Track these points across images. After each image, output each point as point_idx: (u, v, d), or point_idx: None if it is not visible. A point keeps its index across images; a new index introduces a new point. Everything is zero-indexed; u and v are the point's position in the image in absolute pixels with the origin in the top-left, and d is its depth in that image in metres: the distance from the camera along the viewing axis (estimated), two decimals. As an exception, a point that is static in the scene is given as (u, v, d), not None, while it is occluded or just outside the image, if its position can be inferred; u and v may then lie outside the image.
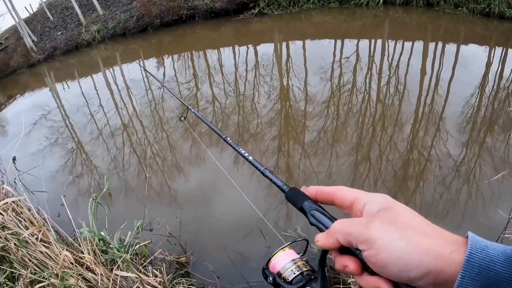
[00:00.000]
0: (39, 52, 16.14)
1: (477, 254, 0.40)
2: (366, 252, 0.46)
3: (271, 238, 3.29)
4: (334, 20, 11.81)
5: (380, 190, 3.91)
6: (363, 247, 0.46)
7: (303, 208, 0.61)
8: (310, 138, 5.15)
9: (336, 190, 0.58)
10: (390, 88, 6.44)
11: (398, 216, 0.47)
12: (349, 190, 0.56)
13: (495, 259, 0.39)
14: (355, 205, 0.53)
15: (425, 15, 10.49)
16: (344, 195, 0.56)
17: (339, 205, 0.57)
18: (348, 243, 0.49)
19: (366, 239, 0.46)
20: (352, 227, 0.48)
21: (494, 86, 6.02)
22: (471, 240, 0.41)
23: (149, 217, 3.37)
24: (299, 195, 0.63)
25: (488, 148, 4.42)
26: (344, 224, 0.50)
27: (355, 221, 0.50)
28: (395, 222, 0.46)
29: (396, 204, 0.50)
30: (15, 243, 2.49)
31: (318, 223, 0.58)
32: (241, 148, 1.01)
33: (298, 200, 0.62)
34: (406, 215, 0.47)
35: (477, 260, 0.39)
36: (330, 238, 0.52)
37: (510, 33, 8.56)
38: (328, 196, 0.59)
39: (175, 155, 5.39)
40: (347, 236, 0.49)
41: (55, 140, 7.09)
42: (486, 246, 0.40)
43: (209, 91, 7.79)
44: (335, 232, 0.51)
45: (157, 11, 14.48)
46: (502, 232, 2.55)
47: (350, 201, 0.54)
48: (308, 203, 0.61)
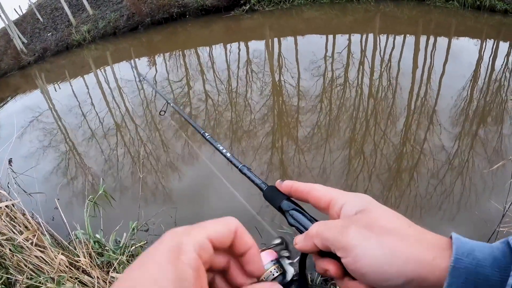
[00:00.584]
0: (30, 54, 16.01)
1: (463, 259, 0.37)
2: (343, 260, 0.44)
3: (267, 235, 3.30)
4: (325, 16, 11.80)
5: (374, 184, 3.95)
6: (340, 254, 0.44)
7: (282, 208, 0.57)
8: (304, 134, 5.15)
9: (311, 189, 0.53)
10: (383, 82, 6.46)
11: (376, 220, 0.44)
12: (325, 189, 0.52)
13: (483, 263, 0.36)
14: (332, 207, 0.50)
15: (416, 9, 10.52)
16: (319, 196, 0.52)
17: (314, 205, 0.53)
18: (326, 248, 0.46)
19: (343, 247, 0.43)
20: (329, 232, 0.46)
21: (486, 78, 6.06)
22: (456, 243, 0.38)
23: (144, 217, 3.37)
24: (277, 194, 0.59)
25: (481, 140, 4.45)
26: (321, 228, 0.47)
27: (331, 225, 0.46)
28: (373, 226, 0.43)
29: (375, 205, 0.47)
30: (10, 248, 2.47)
31: (297, 224, 0.54)
32: (219, 144, 0.98)
33: (277, 199, 0.58)
34: (385, 218, 0.44)
35: (463, 266, 0.36)
36: (308, 242, 0.48)
37: (501, 26, 8.61)
38: (302, 194, 0.55)
39: (169, 153, 5.38)
40: (324, 241, 0.46)
41: (48, 142, 7.04)
42: (472, 249, 0.37)
43: (201, 89, 7.77)
44: (312, 236, 0.48)
45: (148, 10, 14.42)
46: (497, 225, 2.56)
47: (326, 202, 0.51)
48: (287, 203, 0.57)
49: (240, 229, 0.43)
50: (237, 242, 0.42)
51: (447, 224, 3.26)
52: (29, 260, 2.40)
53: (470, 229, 3.19)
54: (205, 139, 1.12)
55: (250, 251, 0.43)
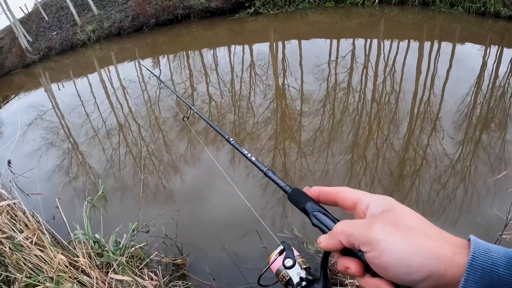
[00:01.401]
0: (34, 52, 16.08)
1: (480, 257, 0.39)
2: (368, 254, 0.46)
3: (268, 238, 3.29)
4: (330, 19, 11.81)
5: (376, 189, 3.94)
6: (365, 248, 0.46)
7: (306, 209, 0.61)
8: (306, 137, 5.15)
9: (339, 191, 0.57)
10: (386, 87, 6.44)
11: (400, 218, 0.47)
12: (352, 191, 0.56)
13: (498, 262, 0.39)
14: (358, 206, 0.53)
15: (421, 14, 10.52)
16: (347, 196, 0.56)
17: (341, 206, 0.57)
18: (351, 244, 0.49)
19: (368, 241, 0.46)
20: (355, 229, 0.48)
21: (490, 84, 6.04)
22: (474, 243, 0.42)
23: (145, 218, 3.36)
24: (301, 196, 0.63)
25: (484, 146, 4.43)
26: (347, 225, 0.50)
27: (357, 223, 0.49)
28: (398, 224, 0.46)
29: (399, 206, 0.50)
30: (10, 246, 2.47)
31: (320, 224, 0.57)
32: (243, 149, 1.01)
33: (301, 201, 0.62)
34: (409, 217, 0.47)
35: (480, 263, 0.39)
36: (332, 239, 0.51)
37: (505, 32, 8.60)
38: (330, 196, 0.59)
39: (171, 155, 5.38)
40: (350, 238, 0.49)
41: (50, 141, 7.05)
42: (488, 249, 0.40)
43: (204, 91, 7.78)
44: (338, 233, 0.51)
45: (153, 11, 14.47)
46: (500, 233, 2.54)
47: (353, 202, 0.54)
48: (311, 204, 0.60)
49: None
50: None
51: (448, 230, 3.23)
52: (28, 258, 2.40)
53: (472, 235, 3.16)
54: (230, 144, 1.15)
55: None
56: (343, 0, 12.14)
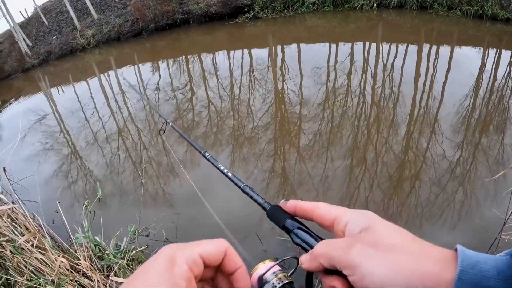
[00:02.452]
0: (34, 57, 16.10)
1: (468, 271, 0.37)
2: (350, 278, 0.44)
3: (267, 242, 3.29)
4: (328, 24, 11.86)
5: (375, 192, 3.94)
6: (346, 272, 0.45)
7: (286, 227, 0.58)
8: (305, 142, 5.16)
9: (314, 207, 0.55)
10: (385, 90, 6.47)
11: (380, 237, 0.45)
12: (329, 207, 0.53)
13: (488, 274, 0.36)
14: (336, 225, 0.51)
15: (419, 17, 10.56)
16: (323, 214, 0.53)
17: (318, 224, 0.54)
18: (332, 266, 0.47)
19: (348, 265, 0.44)
20: (334, 251, 0.47)
21: (488, 87, 6.06)
22: (461, 256, 0.39)
23: (145, 222, 3.36)
24: (280, 213, 0.60)
25: (483, 148, 4.45)
26: (326, 247, 0.48)
27: (336, 244, 0.47)
28: (377, 244, 0.44)
29: (378, 222, 0.47)
30: (11, 250, 2.47)
31: (302, 243, 0.55)
32: (219, 164, 0.98)
33: (280, 218, 0.59)
34: (389, 234, 0.45)
35: (468, 278, 0.37)
36: (314, 261, 0.49)
37: (503, 34, 8.64)
38: (306, 213, 0.56)
39: (171, 159, 5.38)
40: (330, 260, 0.47)
41: (50, 145, 7.06)
42: (477, 261, 0.38)
43: (204, 95, 7.79)
44: (318, 255, 0.49)
45: (152, 16, 14.50)
46: (498, 233, 2.56)
47: (331, 220, 0.52)
48: (291, 221, 0.57)
49: (230, 250, 0.49)
50: (226, 262, 0.49)
51: (448, 232, 3.25)
52: (29, 261, 2.40)
53: (471, 237, 3.17)
54: (206, 158, 1.11)
55: (239, 270, 0.49)
56: (341, 5, 12.19)
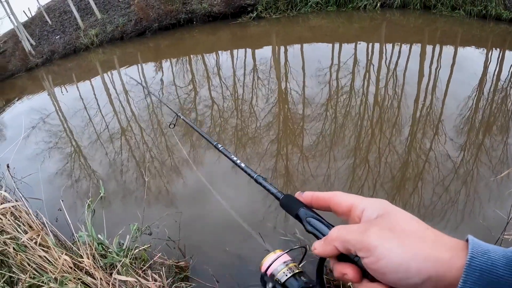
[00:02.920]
0: (37, 56, 16.15)
1: (478, 257, 0.39)
2: (365, 260, 0.45)
3: (270, 241, 3.29)
4: (332, 24, 11.85)
5: (378, 192, 3.94)
6: (362, 254, 0.46)
7: (299, 215, 0.59)
8: (309, 141, 5.15)
9: (332, 196, 0.56)
10: (388, 90, 6.46)
11: (396, 222, 0.46)
12: (346, 195, 0.55)
13: (497, 262, 0.38)
14: (353, 211, 0.52)
15: (422, 17, 10.54)
16: (341, 201, 0.54)
17: (335, 211, 0.55)
18: (347, 250, 0.48)
19: (364, 247, 0.45)
20: (350, 234, 0.47)
21: (492, 88, 6.04)
22: (472, 243, 0.41)
23: (148, 221, 3.37)
24: (294, 202, 0.61)
25: (486, 149, 4.43)
26: (342, 230, 0.49)
27: (353, 228, 0.48)
28: (394, 228, 0.45)
29: (395, 209, 0.49)
30: (14, 247, 2.48)
31: (314, 230, 0.56)
32: (232, 155, 0.98)
33: (293, 207, 0.60)
34: (405, 220, 0.47)
35: (478, 264, 0.39)
36: (328, 245, 0.50)
37: (507, 35, 8.61)
38: (324, 202, 0.57)
39: (174, 159, 5.39)
40: (345, 244, 0.48)
41: (53, 144, 7.08)
42: (487, 250, 0.40)
43: (207, 95, 7.79)
44: (333, 239, 0.50)
45: (155, 15, 14.52)
46: (501, 233, 2.55)
47: (347, 207, 0.53)
48: (304, 210, 0.58)
49: None
50: None
51: (450, 232, 3.23)
52: (32, 259, 2.41)
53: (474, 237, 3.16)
54: (219, 150, 1.11)
55: None
56: (344, 4, 12.17)
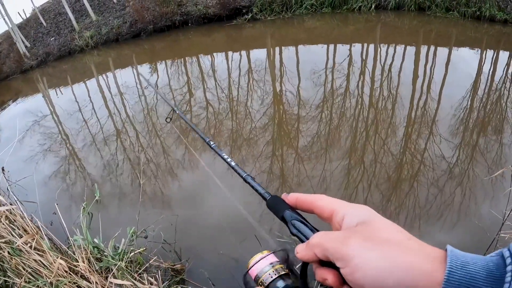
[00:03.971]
0: (32, 58, 16.08)
1: (457, 272, 0.37)
2: (342, 270, 0.44)
3: (266, 243, 3.29)
4: (327, 25, 11.87)
5: (373, 193, 3.95)
6: (339, 264, 0.45)
7: (284, 218, 0.59)
8: (304, 143, 5.16)
9: (315, 200, 0.55)
10: (383, 92, 6.48)
11: (377, 231, 0.45)
12: (329, 200, 0.54)
13: (476, 275, 0.37)
14: (334, 217, 0.51)
15: (417, 19, 10.58)
16: (323, 206, 0.54)
17: (318, 216, 0.55)
18: (326, 258, 0.47)
19: (342, 257, 0.44)
20: (330, 242, 0.47)
21: (486, 88, 6.08)
22: (450, 256, 0.39)
23: (143, 224, 3.36)
24: (280, 204, 0.61)
25: (481, 149, 4.46)
26: (322, 238, 0.48)
27: (333, 236, 0.47)
28: (373, 238, 0.44)
29: (376, 217, 0.48)
30: (9, 251, 2.47)
31: (299, 234, 0.56)
32: (224, 153, 0.98)
33: (279, 209, 0.60)
34: (386, 229, 0.45)
35: (457, 278, 0.37)
36: (309, 251, 0.50)
37: (501, 36, 8.66)
38: (307, 205, 0.56)
39: (169, 160, 5.38)
40: (324, 251, 0.47)
41: (48, 146, 7.05)
42: (466, 262, 0.38)
43: (202, 97, 7.79)
44: (313, 245, 0.49)
45: (150, 17, 14.50)
46: (497, 233, 2.56)
47: (330, 212, 0.52)
48: (289, 213, 0.58)
49: None
50: None
51: (446, 233, 3.25)
52: (27, 263, 2.39)
53: (469, 237, 3.18)
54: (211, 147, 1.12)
55: None
56: (339, 6, 12.20)
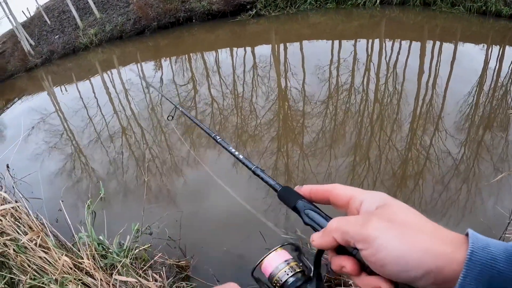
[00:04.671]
0: (37, 56, 16.13)
1: (479, 252, 0.38)
2: (364, 252, 0.44)
3: (271, 239, 3.29)
4: (331, 21, 11.82)
5: (379, 189, 3.91)
6: (361, 246, 0.45)
7: (297, 208, 0.58)
8: (309, 139, 5.14)
9: (332, 188, 0.55)
10: (388, 87, 6.44)
11: (396, 214, 0.45)
12: (345, 187, 0.54)
13: (497, 257, 0.37)
14: (352, 203, 0.51)
15: (422, 14, 10.51)
16: (340, 193, 0.54)
17: (334, 204, 0.55)
18: (346, 242, 0.47)
19: (364, 238, 0.44)
20: (349, 226, 0.46)
21: (492, 84, 6.03)
22: (472, 238, 0.40)
23: (148, 220, 3.36)
24: (292, 194, 0.60)
25: (487, 146, 4.42)
26: (341, 222, 0.48)
27: (352, 219, 0.48)
28: (393, 220, 0.44)
29: (394, 201, 0.48)
30: (14, 248, 2.48)
31: (312, 223, 0.55)
32: (231, 147, 0.96)
33: (291, 199, 0.59)
34: (404, 212, 0.46)
35: (479, 259, 0.38)
36: (327, 237, 0.49)
37: (507, 31, 8.59)
38: (322, 194, 0.56)
39: (174, 157, 5.38)
40: (344, 235, 0.47)
41: (53, 144, 7.07)
42: (487, 244, 0.39)
43: (207, 93, 7.79)
44: (332, 230, 0.49)
45: (154, 14, 14.49)
46: (503, 232, 2.54)
47: (346, 199, 0.52)
48: (302, 202, 0.57)
49: None
50: None
51: (451, 230, 3.22)
52: (32, 260, 2.40)
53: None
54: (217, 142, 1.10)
55: None
56: (344, 2, 12.13)
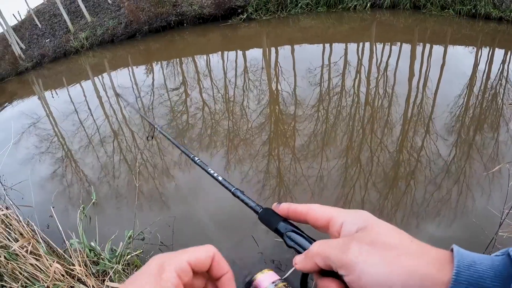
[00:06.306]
0: (27, 60, 16.01)
1: (465, 271, 0.37)
2: (346, 278, 0.43)
3: (264, 244, 3.29)
4: (322, 24, 11.88)
5: (371, 191, 3.95)
6: (343, 272, 0.43)
7: (279, 230, 0.57)
8: (300, 142, 5.16)
9: (308, 209, 0.53)
10: (379, 90, 6.48)
11: (378, 236, 0.43)
12: (323, 208, 0.52)
13: (484, 275, 0.36)
14: (331, 226, 0.50)
15: (412, 17, 10.61)
16: (317, 216, 0.52)
17: (313, 226, 0.53)
18: (328, 267, 0.46)
19: (344, 264, 0.43)
20: (331, 250, 0.45)
21: (482, 86, 6.10)
22: (457, 256, 0.38)
23: (140, 226, 3.35)
24: (273, 216, 0.59)
25: (477, 146, 4.47)
26: (322, 246, 0.47)
27: (333, 243, 0.46)
28: (375, 243, 0.42)
29: (375, 221, 0.46)
30: (5, 256, 2.46)
31: (295, 245, 0.54)
32: (209, 168, 0.97)
33: (273, 221, 0.58)
34: (387, 233, 0.44)
35: (465, 278, 0.36)
36: (309, 261, 0.48)
37: (496, 33, 8.70)
38: (300, 215, 0.54)
39: (165, 162, 5.37)
40: (326, 260, 0.45)
41: (44, 149, 7.02)
42: (473, 261, 0.37)
43: (198, 97, 7.78)
44: (314, 254, 0.47)
45: (146, 18, 14.47)
46: (495, 233, 2.56)
47: (325, 221, 0.50)
48: (284, 224, 0.56)
49: (217, 256, 0.50)
50: (214, 267, 0.50)
51: (444, 231, 3.26)
52: (24, 268, 2.38)
53: (467, 235, 3.18)
54: (195, 163, 1.09)
55: (225, 275, 0.50)
56: (335, 5, 12.21)
